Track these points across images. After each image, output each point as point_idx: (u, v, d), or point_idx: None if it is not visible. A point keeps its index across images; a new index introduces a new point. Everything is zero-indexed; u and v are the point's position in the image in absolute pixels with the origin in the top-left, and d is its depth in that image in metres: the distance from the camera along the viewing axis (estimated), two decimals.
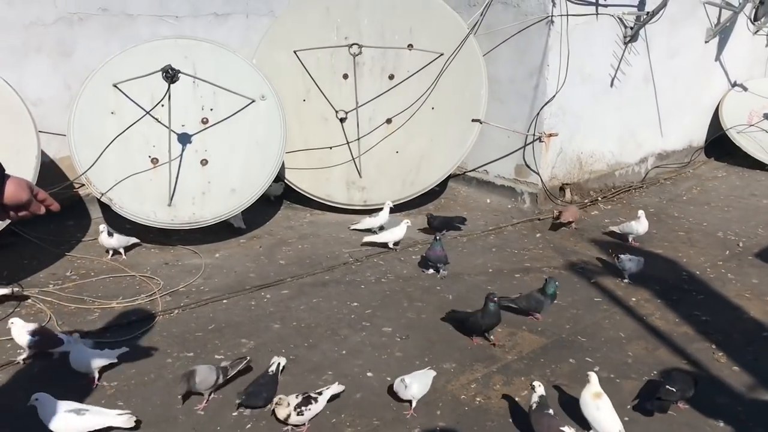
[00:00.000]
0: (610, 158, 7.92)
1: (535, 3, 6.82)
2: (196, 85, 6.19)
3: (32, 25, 6.21)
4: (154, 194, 5.95)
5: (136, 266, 5.68)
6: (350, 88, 7.09)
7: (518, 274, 5.62)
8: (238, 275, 5.57)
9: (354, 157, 7.05)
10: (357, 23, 7.12)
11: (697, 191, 7.95)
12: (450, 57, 6.94)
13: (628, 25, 7.37)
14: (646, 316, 4.90)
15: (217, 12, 7.23)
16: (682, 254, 6.05)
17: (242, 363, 4.03)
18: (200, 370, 3.83)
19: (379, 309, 4.98)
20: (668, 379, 3.83)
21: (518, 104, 7.19)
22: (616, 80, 7.58)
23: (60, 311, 4.87)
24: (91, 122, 5.94)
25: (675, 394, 3.72)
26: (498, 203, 7.44)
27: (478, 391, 3.98)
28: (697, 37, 8.48)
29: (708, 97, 9.03)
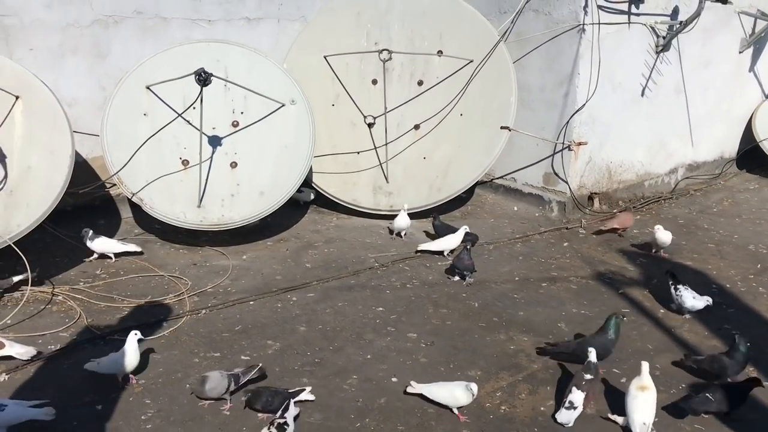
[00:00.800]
0: (640, 168, 7.84)
1: (566, 11, 6.79)
2: (227, 88, 6.25)
3: (69, 27, 6.32)
4: (184, 195, 6.02)
5: (164, 266, 5.74)
6: (379, 93, 7.11)
7: (545, 283, 5.58)
8: (264, 277, 5.60)
9: (381, 163, 7.07)
10: (387, 29, 7.15)
11: (728, 203, 7.84)
12: (480, 64, 6.94)
13: (661, 35, 7.30)
14: (674, 329, 4.85)
15: (250, 16, 7.30)
16: (711, 266, 5.97)
17: (254, 371, 4.01)
18: (212, 376, 3.85)
19: (404, 314, 4.98)
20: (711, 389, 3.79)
21: (548, 112, 7.16)
22: (647, 90, 7.51)
23: (90, 309, 4.94)
24: (124, 123, 6.04)
25: (711, 405, 3.70)
26: (525, 211, 7.40)
27: (504, 400, 3.96)
28: (731, 47, 8.37)
29: (741, 107, 8.90)
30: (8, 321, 4.69)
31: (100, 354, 4.16)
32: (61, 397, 3.86)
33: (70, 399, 3.86)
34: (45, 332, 4.57)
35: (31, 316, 4.81)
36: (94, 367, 4.00)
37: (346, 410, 3.83)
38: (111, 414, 3.74)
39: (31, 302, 5.00)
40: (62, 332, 4.59)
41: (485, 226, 6.96)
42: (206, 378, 3.84)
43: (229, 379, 3.88)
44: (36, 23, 6.13)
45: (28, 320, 4.75)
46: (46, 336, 4.53)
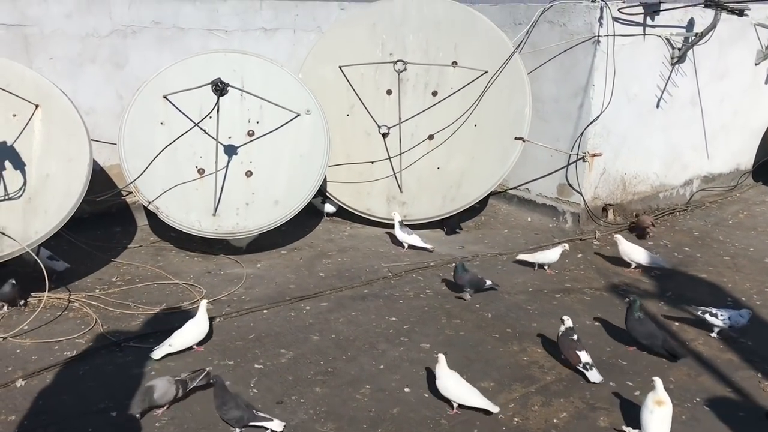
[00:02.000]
0: (655, 180, 7.81)
1: (581, 22, 6.80)
2: (243, 98, 6.31)
3: (88, 37, 6.41)
4: (200, 204, 6.06)
5: (179, 274, 5.79)
6: (393, 103, 7.14)
7: (558, 294, 5.57)
8: (278, 286, 5.63)
9: (395, 172, 7.09)
10: (402, 39, 7.19)
11: (744, 216, 7.79)
12: (494, 75, 6.95)
13: (676, 47, 7.29)
14: (688, 342, 4.82)
15: (266, 27, 7.37)
16: (727, 279, 5.93)
17: (201, 375, 4.00)
18: (159, 384, 3.85)
19: (418, 324, 4.99)
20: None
21: (562, 123, 7.15)
22: (662, 101, 7.49)
23: (105, 316, 4.98)
24: (141, 132, 6.11)
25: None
26: (539, 222, 7.39)
27: (516, 411, 3.96)
28: (747, 59, 8.34)
29: (757, 119, 8.86)
30: (25, 327, 4.75)
31: (115, 361, 4.20)
32: (76, 404, 3.90)
33: (85, 406, 3.89)
34: (61, 338, 4.62)
35: (48, 322, 4.86)
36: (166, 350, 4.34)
37: (358, 420, 3.83)
38: (126, 421, 3.76)
39: (47, 308, 5.05)
40: (78, 339, 4.64)
41: (499, 236, 6.96)
42: (152, 387, 3.83)
43: (177, 385, 3.88)
44: (56, 33, 6.22)
45: (45, 326, 4.80)
46: (62, 342, 4.58)
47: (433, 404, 4.00)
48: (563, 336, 4.46)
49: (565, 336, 4.45)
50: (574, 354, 4.35)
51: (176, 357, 4.42)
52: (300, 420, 3.83)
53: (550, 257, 6.02)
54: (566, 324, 4.48)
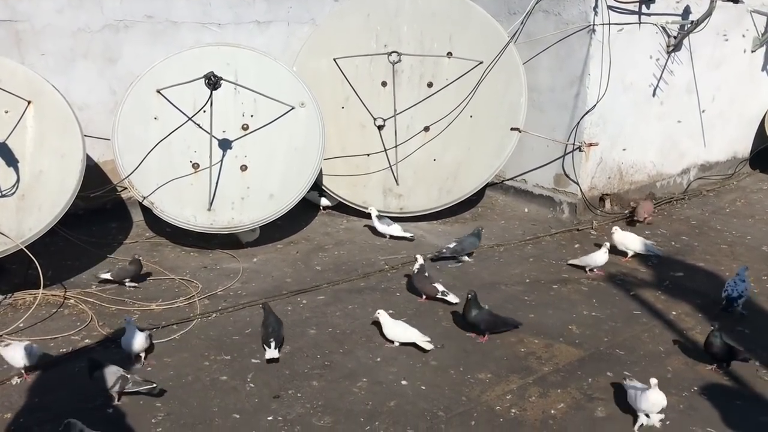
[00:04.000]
0: (652, 169, 7.79)
1: (576, 11, 6.76)
2: (237, 91, 6.27)
3: (80, 32, 6.36)
4: (195, 199, 6.04)
5: (175, 269, 5.76)
6: (388, 95, 7.11)
7: (555, 285, 5.56)
8: (275, 280, 5.61)
9: (391, 165, 7.06)
10: (396, 31, 7.15)
11: (741, 204, 7.77)
12: (489, 65, 6.92)
13: (672, 35, 7.25)
14: (686, 330, 4.81)
15: (259, 20, 7.32)
16: (724, 268, 5.92)
17: (147, 387, 3.89)
18: (108, 369, 3.88)
19: (414, 317, 4.97)
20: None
21: (558, 113, 7.12)
22: (658, 90, 7.46)
23: (101, 312, 4.97)
24: (135, 127, 6.07)
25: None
26: (536, 213, 7.37)
27: (514, 403, 3.95)
28: (743, 47, 8.30)
29: (754, 107, 8.83)
30: (21, 324, 4.73)
31: (112, 357, 4.18)
32: (72, 400, 3.89)
33: (81, 402, 3.88)
34: (57, 335, 4.61)
35: (44, 319, 4.84)
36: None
37: (355, 413, 3.82)
38: (121, 417, 3.76)
39: (43, 306, 5.03)
40: (74, 335, 4.62)
41: (495, 228, 6.94)
42: (102, 366, 3.87)
43: (118, 379, 3.85)
44: (47, 28, 6.17)
45: (41, 324, 4.78)
46: (58, 339, 4.56)
47: (430, 396, 4.00)
48: (418, 274, 5.13)
49: (419, 273, 5.13)
50: (431, 287, 5.09)
51: (172, 352, 4.41)
52: (297, 414, 3.82)
53: (597, 260, 5.72)
54: (419, 262, 5.15)
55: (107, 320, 4.85)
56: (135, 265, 5.39)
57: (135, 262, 5.40)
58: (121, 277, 5.36)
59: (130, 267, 5.39)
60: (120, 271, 5.37)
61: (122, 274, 5.36)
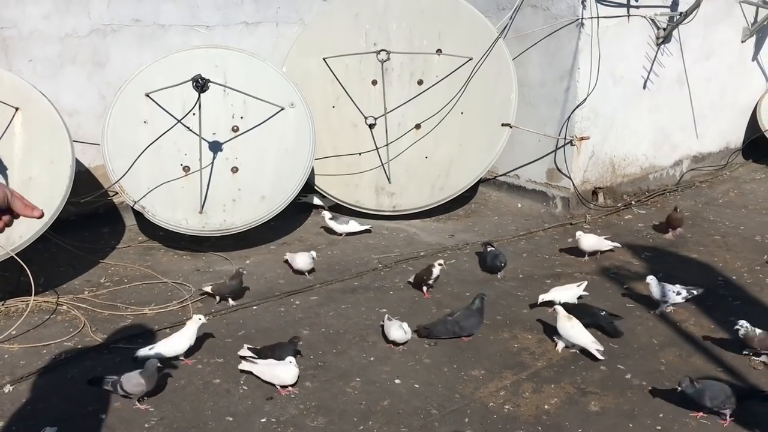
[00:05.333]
0: (644, 161, 7.79)
1: (564, 6, 6.75)
2: (226, 93, 6.26)
3: (67, 37, 6.34)
4: (186, 202, 6.03)
5: (168, 273, 5.75)
6: (379, 94, 7.09)
7: (549, 279, 5.55)
8: (268, 281, 5.60)
9: (383, 163, 7.05)
10: (386, 29, 7.14)
11: (734, 194, 7.78)
12: (479, 61, 6.91)
13: (661, 27, 7.25)
14: (680, 323, 4.81)
15: (248, 21, 7.30)
16: (718, 259, 5.92)
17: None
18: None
19: (408, 315, 4.95)
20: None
21: (549, 108, 7.12)
22: (649, 82, 7.46)
23: (94, 318, 4.95)
24: (124, 131, 6.05)
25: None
26: (529, 208, 7.37)
27: (507, 399, 3.95)
28: (733, 37, 8.30)
29: (745, 97, 8.82)
30: (13, 332, 4.71)
31: (104, 363, 4.17)
32: (65, 408, 3.88)
33: (74, 409, 3.87)
34: (50, 342, 4.59)
35: (36, 326, 4.83)
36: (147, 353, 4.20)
37: (349, 413, 3.82)
38: (114, 423, 3.75)
39: (35, 312, 5.02)
40: (66, 342, 4.61)
41: (489, 224, 6.94)
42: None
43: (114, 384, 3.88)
44: (34, 34, 6.15)
45: (33, 330, 4.77)
46: (51, 346, 4.55)
47: (423, 395, 3.99)
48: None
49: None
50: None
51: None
52: (290, 415, 3.81)
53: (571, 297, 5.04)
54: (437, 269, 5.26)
55: (100, 326, 4.84)
56: (237, 279, 5.17)
57: (237, 276, 5.18)
58: (222, 293, 5.14)
59: (232, 282, 5.15)
60: (221, 287, 5.15)
61: (224, 290, 5.14)
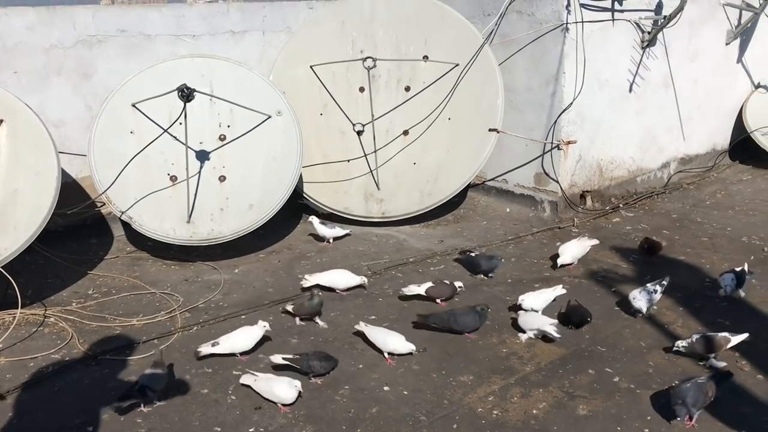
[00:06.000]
0: (631, 164, 7.82)
1: (549, 11, 6.78)
2: (213, 102, 6.26)
3: (53, 49, 6.33)
4: (174, 211, 6.02)
5: (156, 283, 5.74)
6: (366, 101, 7.11)
7: (537, 284, 5.56)
8: (256, 290, 5.59)
9: (372, 170, 7.06)
10: (372, 36, 7.16)
11: (721, 195, 7.82)
12: (465, 67, 6.94)
13: (646, 30, 7.29)
14: (667, 325, 4.83)
15: (234, 30, 7.30)
16: (705, 260, 5.95)
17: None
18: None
19: (397, 322, 4.96)
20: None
21: (535, 112, 7.15)
22: (634, 85, 7.50)
23: (82, 329, 4.93)
24: (111, 142, 6.05)
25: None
26: (518, 212, 7.39)
27: (496, 404, 3.95)
28: (718, 40, 8.36)
29: (731, 99, 8.88)
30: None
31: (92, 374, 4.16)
32: (52, 421, 3.86)
33: (61, 422, 3.85)
34: (37, 355, 4.57)
35: (23, 339, 4.80)
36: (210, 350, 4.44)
37: (337, 421, 3.82)
38: None
39: (22, 325, 4.99)
40: (54, 354, 4.58)
41: (478, 229, 6.95)
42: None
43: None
44: (19, 46, 6.14)
45: (20, 343, 4.74)
46: (38, 359, 4.53)
47: (412, 401, 3.99)
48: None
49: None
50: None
51: None
52: (279, 424, 3.81)
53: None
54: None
55: (88, 337, 4.82)
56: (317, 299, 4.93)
57: (316, 296, 4.93)
58: (302, 313, 4.95)
59: (312, 302, 4.91)
60: (300, 308, 4.95)
61: (302, 311, 4.95)
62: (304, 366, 4.21)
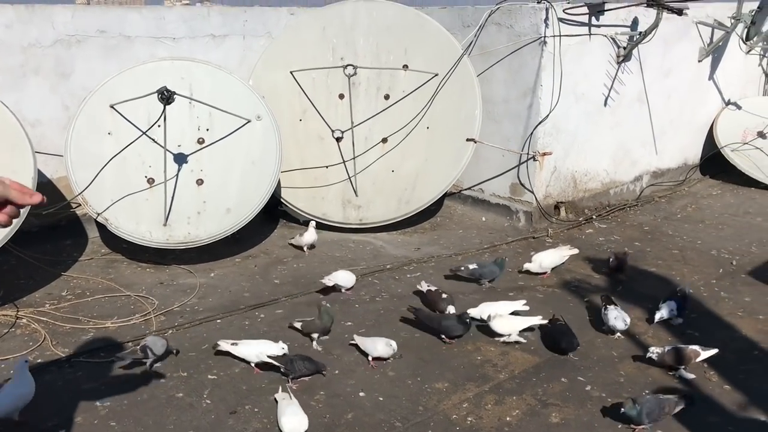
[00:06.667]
0: (605, 177, 7.96)
1: (528, 24, 6.89)
2: (192, 105, 6.25)
3: (30, 47, 6.27)
4: (150, 214, 5.99)
5: (131, 286, 5.70)
6: (346, 107, 7.15)
7: (512, 292, 5.63)
8: (232, 294, 5.59)
9: (350, 176, 7.09)
10: (353, 43, 7.20)
11: (692, 209, 7.97)
12: (445, 77, 7.01)
13: (621, 45, 7.43)
14: (638, 335, 4.91)
15: (215, 33, 7.30)
16: (675, 272, 6.07)
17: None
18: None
19: (373, 328, 4.99)
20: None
21: (512, 124, 7.25)
22: (609, 99, 7.63)
23: (55, 331, 4.89)
24: (88, 143, 6.01)
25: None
26: (493, 221, 7.47)
27: (470, 411, 3.99)
28: (691, 57, 8.55)
29: (702, 115, 9.08)
30: None
31: (65, 377, 4.12)
32: (25, 422, 3.81)
33: (33, 424, 3.82)
34: (8, 356, 4.52)
35: None
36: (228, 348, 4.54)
37: (313, 426, 3.81)
38: None
39: None
40: (26, 356, 4.53)
41: (454, 237, 7.01)
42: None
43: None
44: None
45: None
46: (10, 360, 4.47)
47: (387, 407, 4.02)
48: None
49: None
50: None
51: (127, 370, 4.37)
52: (254, 429, 3.82)
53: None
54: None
55: (61, 339, 4.78)
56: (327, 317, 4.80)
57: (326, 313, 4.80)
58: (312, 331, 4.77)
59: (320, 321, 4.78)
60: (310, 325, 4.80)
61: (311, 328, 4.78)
62: (288, 367, 4.24)
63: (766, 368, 4.47)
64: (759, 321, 5.12)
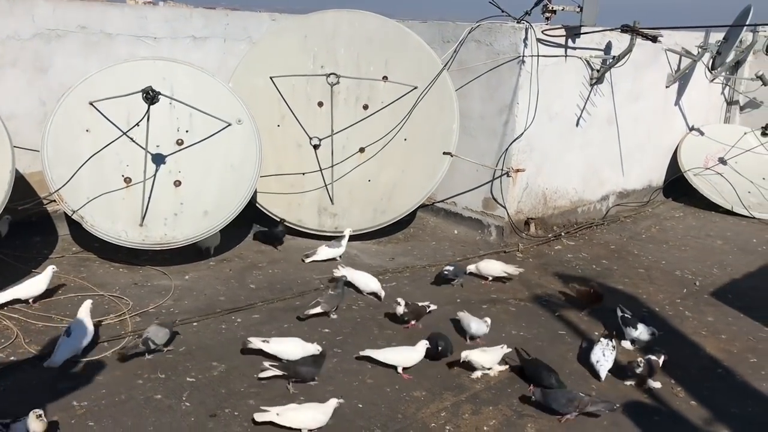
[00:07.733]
0: (574, 195, 8.15)
1: (507, 43, 7.05)
2: (172, 106, 6.23)
3: (8, 40, 6.18)
4: (126, 214, 5.94)
5: (104, 286, 5.64)
6: (325, 115, 7.19)
7: (485, 305, 5.74)
8: (208, 298, 5.57)
9: (326, 184, 7.13)
10: (333, 52, 7.25)
11: (656, 230, 8.22)
12: (423, 91, 7.11)
13: (595, 68, 7.65)
14: None
15: (196, 35, 7.29)
16: (642, 291, 6.25)
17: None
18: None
19: (351, 336, 5.04)
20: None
21: (488, 139, 7.38)
22: (581, 120, 7.84)
23: (27, 329, 4.81)
24: (66, 139, 5.94)
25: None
26: (465, 234, 7.58)
27: (448, 420, 4.07)
28: (659, 82, 8.84)
29: (668, 139, 9.38)
30: None
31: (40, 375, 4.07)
32: None
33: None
34: None
35: None
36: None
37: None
38: None
39: None
40: None
41: (427, 248, 7.10)
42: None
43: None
44: None
45: None
46: None
47: (367, 414, 4.07)
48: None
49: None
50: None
51: (104, 371, 4.32)
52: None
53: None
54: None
55: (33, 337, 4.71)
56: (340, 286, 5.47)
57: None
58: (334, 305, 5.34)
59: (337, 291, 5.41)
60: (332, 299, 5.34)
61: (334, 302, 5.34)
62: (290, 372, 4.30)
63: (730, 386, 4.65)
64: (721, 341, 5.31)
